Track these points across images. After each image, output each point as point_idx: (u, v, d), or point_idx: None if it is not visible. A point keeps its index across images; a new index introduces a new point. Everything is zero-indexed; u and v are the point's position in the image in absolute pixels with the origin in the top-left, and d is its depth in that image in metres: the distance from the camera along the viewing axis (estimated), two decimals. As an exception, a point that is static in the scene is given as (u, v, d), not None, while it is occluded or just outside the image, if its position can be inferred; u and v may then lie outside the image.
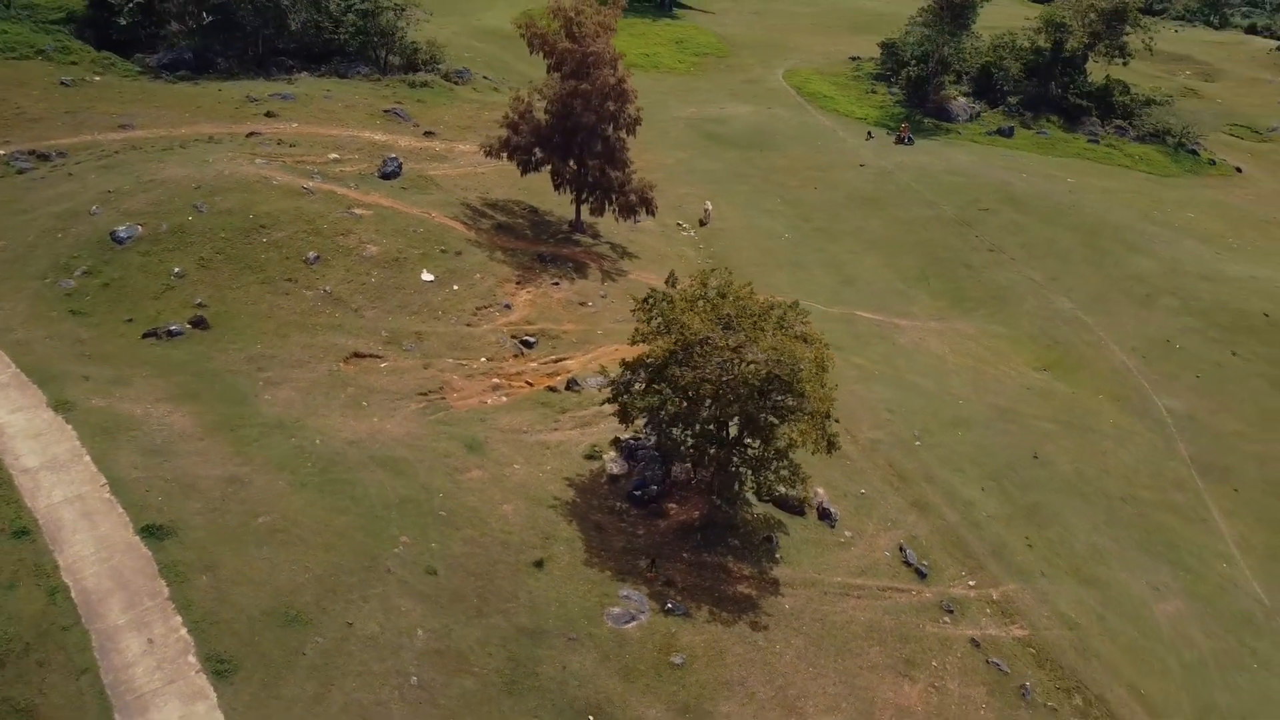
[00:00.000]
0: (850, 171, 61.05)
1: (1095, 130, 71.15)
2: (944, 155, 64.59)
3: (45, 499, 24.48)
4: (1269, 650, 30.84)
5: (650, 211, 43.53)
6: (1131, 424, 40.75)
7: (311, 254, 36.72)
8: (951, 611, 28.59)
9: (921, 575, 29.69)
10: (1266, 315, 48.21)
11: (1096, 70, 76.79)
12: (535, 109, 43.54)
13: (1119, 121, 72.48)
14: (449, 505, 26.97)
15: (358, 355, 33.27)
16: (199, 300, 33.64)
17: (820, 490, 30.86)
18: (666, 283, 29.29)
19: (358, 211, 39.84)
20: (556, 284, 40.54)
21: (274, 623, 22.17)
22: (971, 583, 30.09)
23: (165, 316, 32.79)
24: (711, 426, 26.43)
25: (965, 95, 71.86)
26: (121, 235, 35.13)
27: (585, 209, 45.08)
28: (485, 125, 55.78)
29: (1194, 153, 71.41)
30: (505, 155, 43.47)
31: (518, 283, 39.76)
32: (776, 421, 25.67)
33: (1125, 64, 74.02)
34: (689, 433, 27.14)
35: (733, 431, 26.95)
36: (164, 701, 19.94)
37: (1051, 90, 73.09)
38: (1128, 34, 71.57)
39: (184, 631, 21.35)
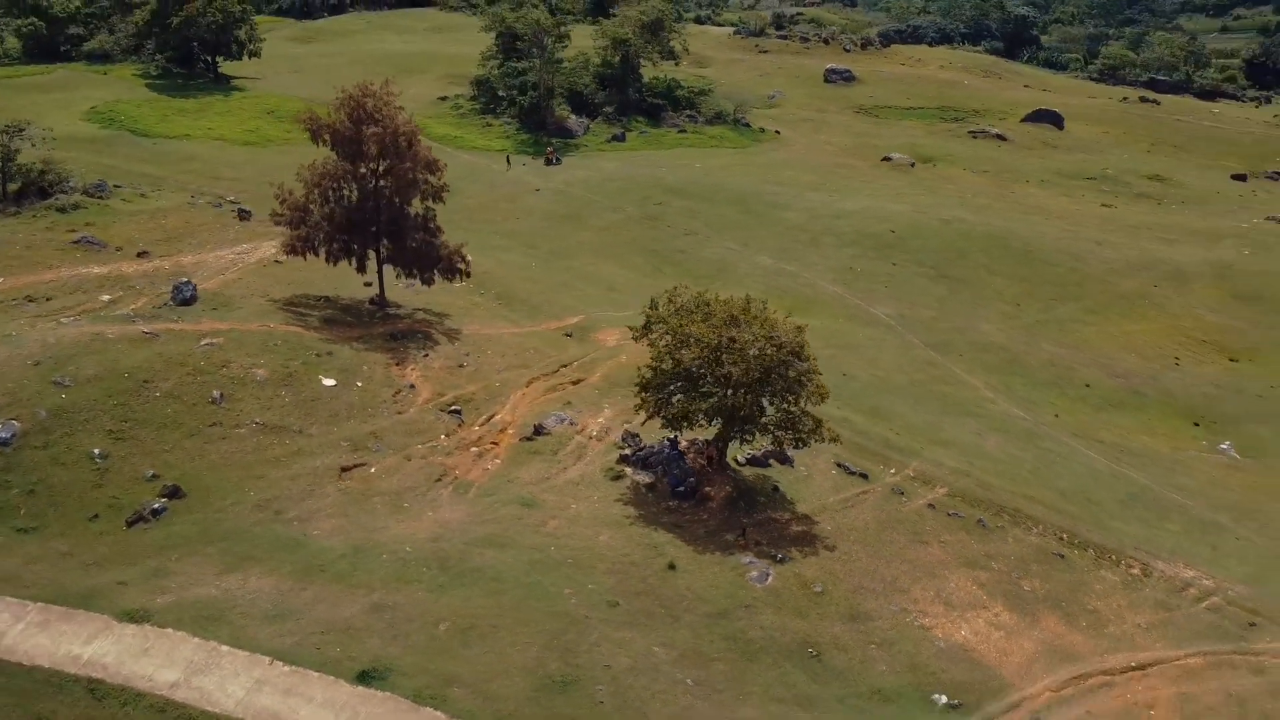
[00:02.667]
0: (533, 197, 67.00)
1: (677, 122, 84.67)
2: (594, 166, 73.22)
3: (229, 700, 23.08)
4: (1053, 447, 43.99)
5: (468, 272, 45.89)
6: (873, 333, 52.88)
7: (215, 393, 34.54)
8: (902, 494, 37.16)
9: (865, 478, 37.92)
10: (893, 231, 63.92)
11: (648, 71, 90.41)
12: (313, 199, 43.66)
13: (688, 111, 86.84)
14: (564, 553, 29.42)
15: (345, 469, 32.92)
16: (150, 473, 30.72)
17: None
18: (650, 307, 33.81)
19: (211, 341, 37.60)
20: (427, 355, 41.80)
21: (551, 691, 23.99)
22: (893, 471, 38.90)
23: (130, 500, 29.66)
24: (745, 405, 31.84)
25: (571, 114, 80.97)
26: (2, 436, 30.40)
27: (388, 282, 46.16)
28: (190, 233, 52.98)
29: (748, 125, 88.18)
30: (318, 252, 43.15)
31: (398, 364, 40.49)
32: (802, 384, 31.95)
33: (677, 64, 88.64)
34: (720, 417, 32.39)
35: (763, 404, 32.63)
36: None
37: (630, 95, 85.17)
38: (671, 39, 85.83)
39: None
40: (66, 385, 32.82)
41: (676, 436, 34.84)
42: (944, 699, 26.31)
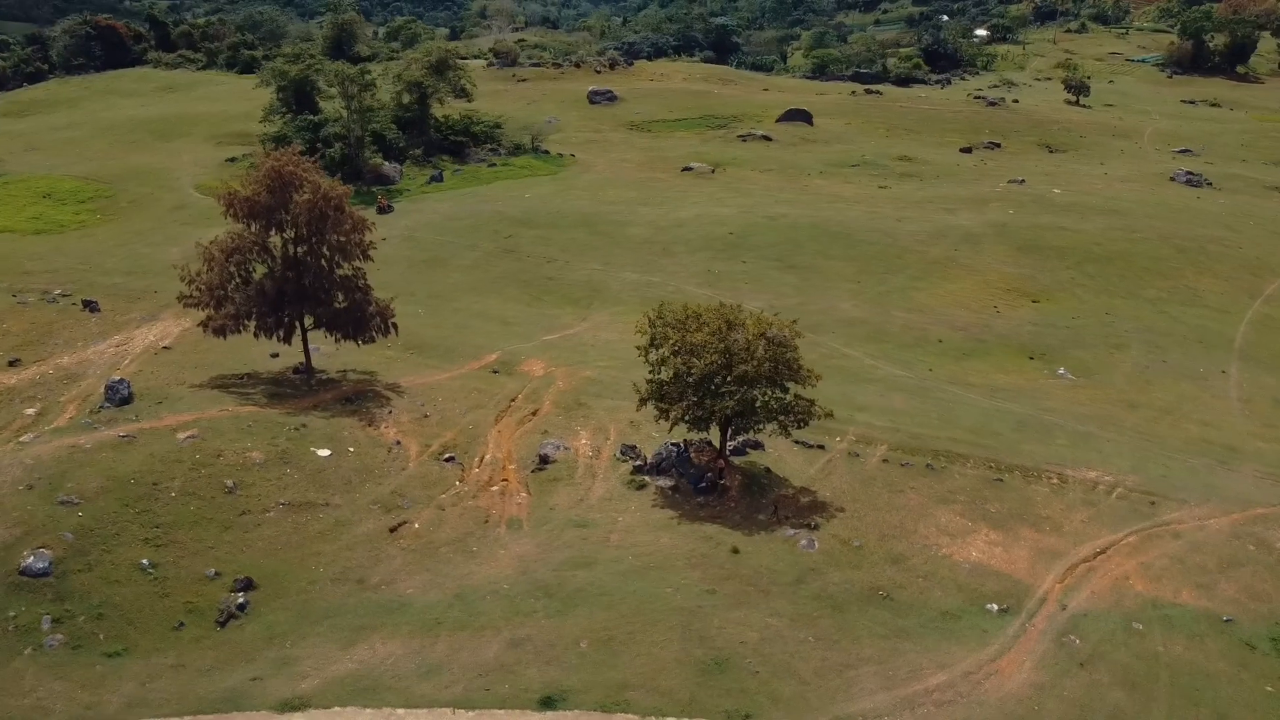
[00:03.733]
0: (384, 247, 66.42)
1: (483, 156, 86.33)
2: (428, 209, 73.63)
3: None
4: (942, 396, 50.81)
5: (396, 328, 46.01)
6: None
7: (227, 482, 33.61)
8: (857, 455, 42.25)
9: (822, 448, 42.60)
10: (731, 233, 69.76)
11: (436, 110, 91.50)
12: (227, 276, 42.65)
13: (489, 145, 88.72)
14: (641, 560, 31.88)
15: (392, 529, 33.26)
16: (211, 571, 29.81)
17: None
18: (650, 326, 36.58)
19: (191, 435, 36.18)
20: (391, 413, 42.01)
21: (712, 673, 26.76)
22: (839, 439, 43.87)
23: (205, 601, 28.77)
24: (761, 397, 35.48)
25: (384, 160, 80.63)
26: (37, 568, 28.37)
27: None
28: (48, 334, 49.41)
29: (547, 152, 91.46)
30: (245, 329, 42.05)
31: (371, 425, 40.55)
32: (805, 375, 36.03)
33: (470, 101, 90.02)
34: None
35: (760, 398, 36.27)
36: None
37: (431, 136, 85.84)
38: (460, 78, 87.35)
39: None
40: (76, 503, 30.96)
41: (684, 441, 38.02)
42: (995, 607, 31.37)
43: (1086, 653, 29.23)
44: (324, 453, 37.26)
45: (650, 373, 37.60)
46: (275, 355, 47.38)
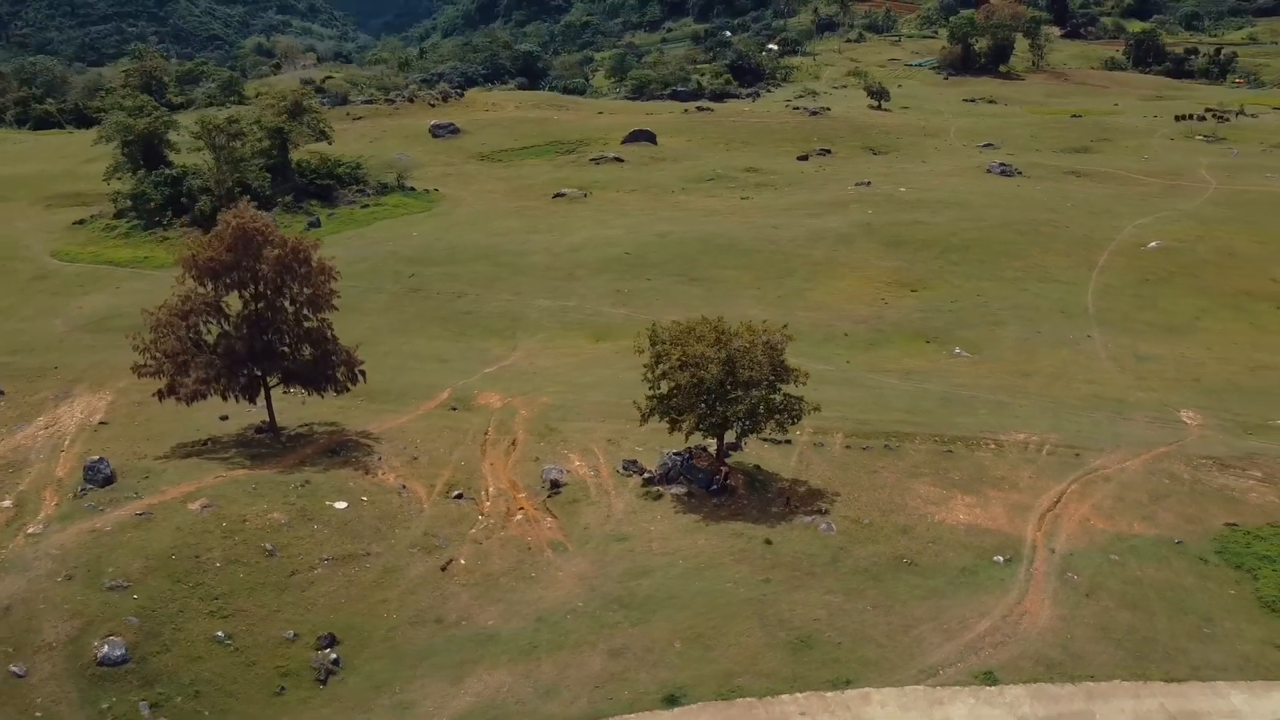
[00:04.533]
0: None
1: (352, 199, 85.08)
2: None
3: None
4: (869, 384, 55.31)
5: (364, 375, 45.63)
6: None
7: (266, 545, 33.14)
8: (822, 444, 45.81)
9: (790, 442, 45.92)
10: (627, 253, 72.50)
11: (295, 154, 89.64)
12: (184, 339, 41.57)
13: (355, 186, 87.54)
14: (691, 562, 34.06)
15: (443, 568, 33.78)
16: (290, 633, 29.55)
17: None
18: (651, 344, 38.56)
19: (206, 504, 35.26)
20: (380, 459, 42.06)
21: (803, 650, 29.34)
22: (799, 431, 47.39)
23: (296, 663, 28.60)
24: (764, 399, 38.23)
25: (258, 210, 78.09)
26: (114, 656, 27.38)
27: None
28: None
29: (413, 189, 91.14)
30: (218, 391, 40.98)
31: (368, 474, 40.51)
32: (796, 374, 39.06)
33: (330, 143, 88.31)
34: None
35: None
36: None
37: (297, 181, 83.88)
38: (319, 121, 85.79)
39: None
40: (126, 586, 29.96)
41: (687, 449, 40.35)
42: (1000, 558, 35.47)
43: (1087, 586, 33.67)
44: (341, 505, 37.16)
45: (651, 389, 39.76)
46: (225, 418, 46.21)
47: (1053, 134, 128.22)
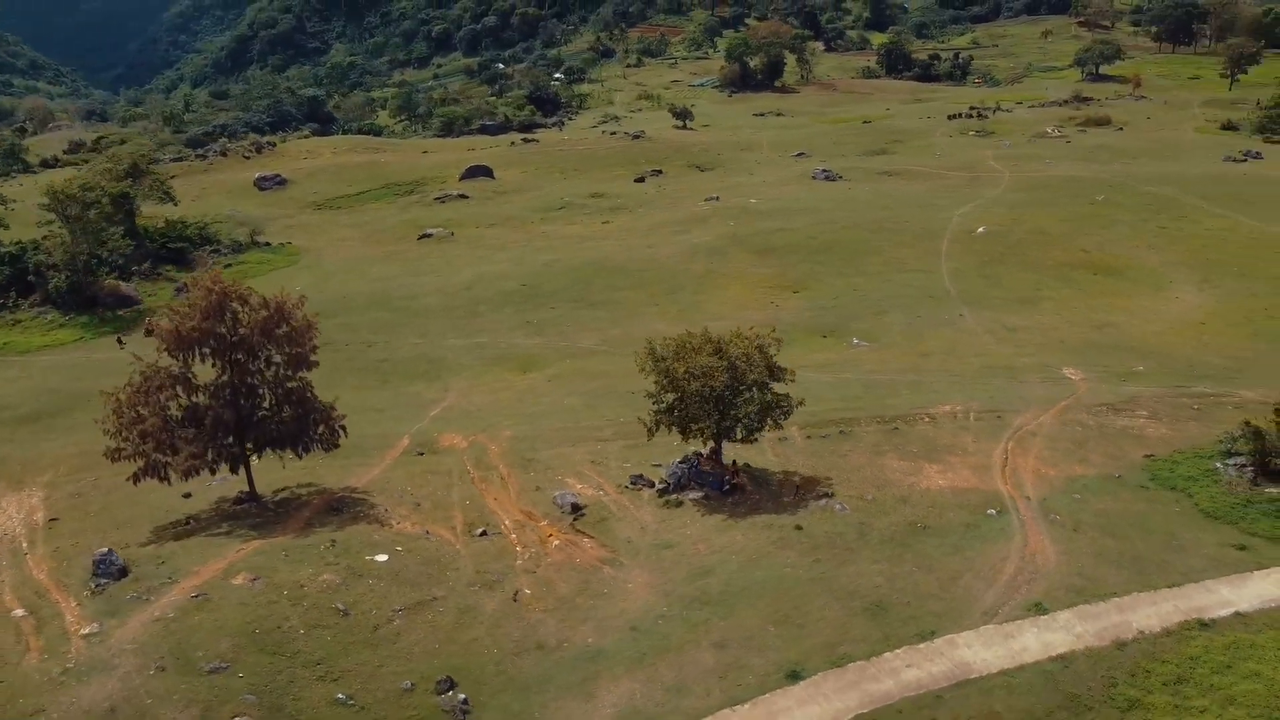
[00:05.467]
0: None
1: (208, 260, 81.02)
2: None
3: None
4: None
5: (345, 431, 44.68)
6: (605, 361, 63.10)
7: (338, 605, 32.76)
8: (786, 438, 49.35)
9: (756, 439, 49.17)
10: (523, 285, 73.71)
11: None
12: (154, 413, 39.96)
13: (208, 247, 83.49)
14: (740, 557, 36.54)
15: (514, 598, 34.45)
16: (406, 684, 29.55)
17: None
18: (651, 362, 40.61)
19: (254, 578, 34.21)
20: (385, 510, 41.77)
21: (880, 614, 32.43)
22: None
23: (425, 711, 28.83)
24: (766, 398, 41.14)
25: (120, 280, 73.39)
26: None
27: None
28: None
29: (269, 244, 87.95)
30: (206, 469, 39.58)
31: (385, 524, 40.28)
32: (785, 373, 42.23)
33: (176, 204, 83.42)
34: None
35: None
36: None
37: (148, 246, 79.14)
38: (166, 182, 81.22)
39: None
40: (226, 667, 29.15)
41: (695, 455, 42.69)
42: (993, 511, 40.10)
43: (1070, 523, 38.76)
44: (382, 558, 36.98)
45: (655, 404, 41.96)
46: (188, 495, 44.51)
47: (851, 140, 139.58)
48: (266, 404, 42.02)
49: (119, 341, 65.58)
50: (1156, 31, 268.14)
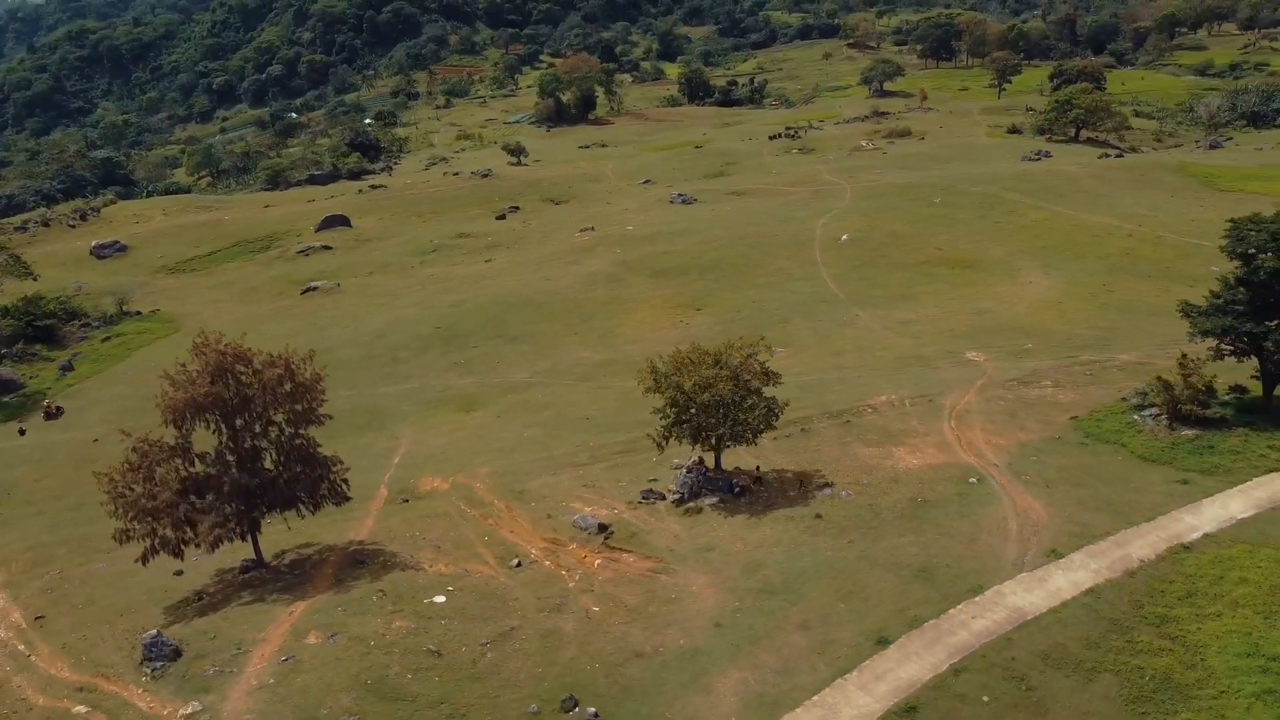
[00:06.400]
0: (93, 447, 58.18)
1: (83, 335, 75.85)
2: (107, 397, 64.57)
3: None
4: (728, 391, 62.82)
5: (348, 484, 43.83)
6: (539, 392, 64.24)
7: (430, 647, 32.87)
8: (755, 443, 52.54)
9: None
10: (437, 328, 73.51)
11: None
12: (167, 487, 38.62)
13: (77, 321, 78.00)
14: (778, 549, 39.19)
15: (589, 615, 35.53)
16: (532, 708, 30.20)
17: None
18: (653, 377, 42.70)
19: (322, 636, 33.69)
20: (412, 556, 41.63)
21: (926, 577, 35.93)
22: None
23: (560, 727, 29.56)
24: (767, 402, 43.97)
25: (-6, 363, 67.67)
26: (408, 777, 26.76)
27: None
28: None
29: (140, 313, 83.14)
30: (224, 541, 38.43)
31: (419, 569, 40.23)
32: (777, 378, 45.28)
33: (36, 279, 77.13)
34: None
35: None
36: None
37: (14, 327, 73.29)
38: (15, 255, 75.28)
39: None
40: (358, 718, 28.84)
41: (700, 465, 44.94)
42: (974, 479, 44.60)
43: (1040, 481, 43.74)
44: (440, 599, 37.23)
45: (663, 419, 44.13)
46: (180, 573, 42.90)
47: (689, 165, 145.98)
48: (270, 463, 41.16)
49: (20, 432, 60.84)
50: (922, 49, 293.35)
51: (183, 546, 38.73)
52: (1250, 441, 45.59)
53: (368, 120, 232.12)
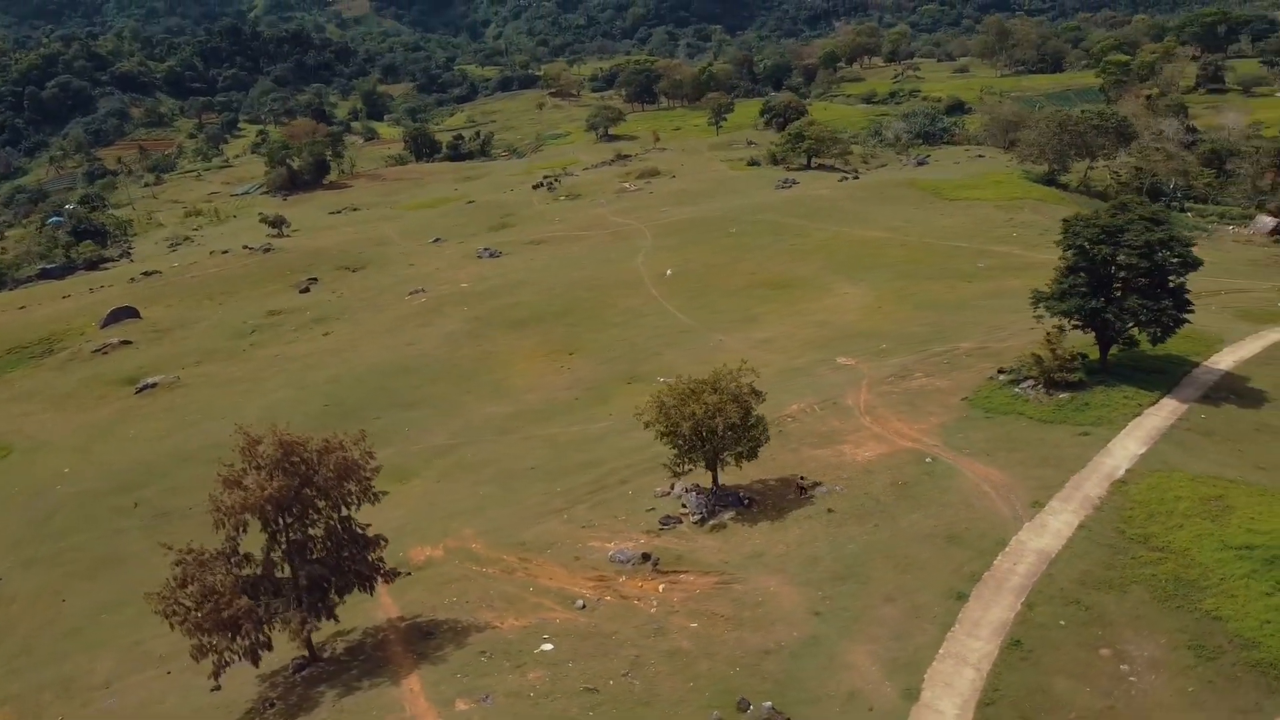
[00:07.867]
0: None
1: None
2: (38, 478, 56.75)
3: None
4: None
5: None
6: (511, 443, 64.80)
7: (581, 687, 34.26)
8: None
9: (692, 470, 56.15)
10: (327, 406, 71.38)
11: None
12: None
13: None
14: (826, 541, 43.68)
15: (695, 630, 38.24)
16: (713, 716, 32.68)
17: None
18: (659, 409, 46.07)
19: (471, 702, 34.12)
20: (470, 620, 42.04)
21: (959, 543, 42.13)
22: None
23: (748, 725, 32.33)
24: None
25: None
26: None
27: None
28: None
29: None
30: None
31: (489, 628, 40.91)
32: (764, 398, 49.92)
33: None
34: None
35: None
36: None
37: None
38: None
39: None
40: None
41: (702, 485, 48.69)
42: (929, 459, 51.54)
43: (980, 451, 51.37)
44: (549, 646, 38.44)
45: (674, 448, 47.57)
46: (217, 688, 40.83)
47: (468, 220, 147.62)
48: (344, 548, 40.33)
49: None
50: (626, 94, 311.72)
51: (258, 650, 37.16)
52: (1110, 396, 56.11)
53: (67, 205, 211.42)
